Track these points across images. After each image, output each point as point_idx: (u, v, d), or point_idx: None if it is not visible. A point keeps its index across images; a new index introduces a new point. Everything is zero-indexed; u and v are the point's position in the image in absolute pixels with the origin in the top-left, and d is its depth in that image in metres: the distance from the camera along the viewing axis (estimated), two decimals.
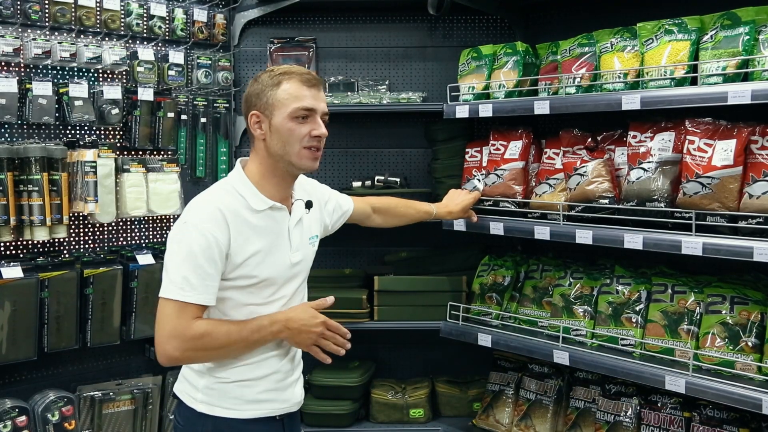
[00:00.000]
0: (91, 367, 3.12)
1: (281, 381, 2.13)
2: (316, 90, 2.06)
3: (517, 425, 3.10)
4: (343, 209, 2.52)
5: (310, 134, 2.04)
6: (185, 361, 2.02)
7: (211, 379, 2.07)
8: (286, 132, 2.03)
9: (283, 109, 2.03)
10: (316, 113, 2.05)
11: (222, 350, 1.99)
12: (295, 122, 2.03)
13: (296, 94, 2.03)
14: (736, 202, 2.34)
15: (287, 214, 2.12)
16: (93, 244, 3.13)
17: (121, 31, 3.11)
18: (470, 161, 3.29)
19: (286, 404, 2.15)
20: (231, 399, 2.06)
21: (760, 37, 2.32)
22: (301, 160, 2.05)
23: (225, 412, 2.05)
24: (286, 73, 2.06)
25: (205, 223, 1.96)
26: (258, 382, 2.08)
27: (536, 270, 3.19)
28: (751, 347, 2.38)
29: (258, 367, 2.08)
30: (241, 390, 2.06)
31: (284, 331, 2.03)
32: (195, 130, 3.41)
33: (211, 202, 2.01)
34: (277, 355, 2.11)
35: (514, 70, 3.04)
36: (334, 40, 3.62)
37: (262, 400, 2.09)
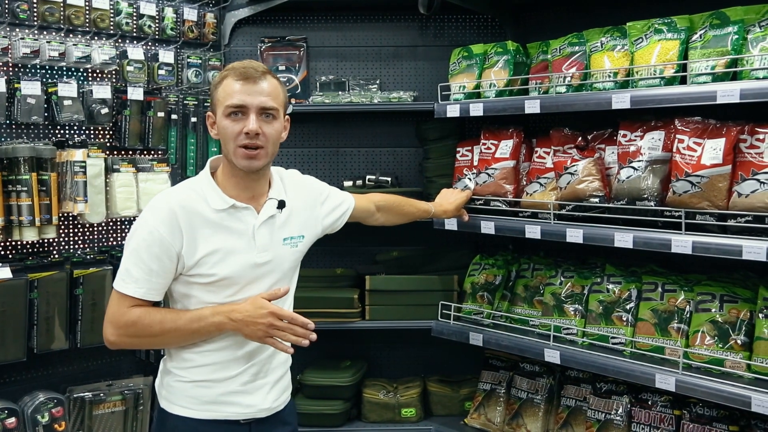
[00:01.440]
0: (81, 368, 3.10)
1: (246, 384, 2.07)
2: (251, 84, 1.97)
3: (509, 424, 3.10)
4: (344, 207, 2.45)
5: (242, 132, 1.97)
6: (123, 345, 2.03)
7: (172, 377, 2.07)
8: (222, 131, 2.00)
9: (220, 108, 2.00)
10: (249, 109, 1.97)
11: (157, 338, 2.00)
12: (229, 120, 1.98)
13: (229, 90, 1.98)
14: (725, 200, 2.35)
15: (254, 213, 2.06)
16: (83, 245, 3.11)
17: (111, 30, 3.10)
18: (461, 160, 3.30)
19: (251, 409, 2.07)
20: (187, 398, 2.04)
21: (748, 37, 2.33)
22: (237, 159, 1.99)
23: (182, 410, 2.04)
24: (227, 69, 2.03)
25: (156, 221, 1.96)
26: (217, 384, 2.04)
27: (527, 269, 3.20)
28: (740, 345, 2.39)
29: (219, 368, 2.04)
30: (198, 390, 2.04)
31: (228, 323, 1.96)
32: (185, 129, 3.39)
33: (168, 201, 1.99)
34: (241, 358, 2.06)
35: (505, 70, 3.04)
36: (325, 39, 3.61)
37: (220, 402, 2.04)
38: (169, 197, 2.02)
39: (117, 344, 2.01)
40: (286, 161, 3.62)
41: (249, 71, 1.98)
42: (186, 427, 2.04)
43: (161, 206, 1.99)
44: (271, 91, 2.00)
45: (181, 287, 2.04)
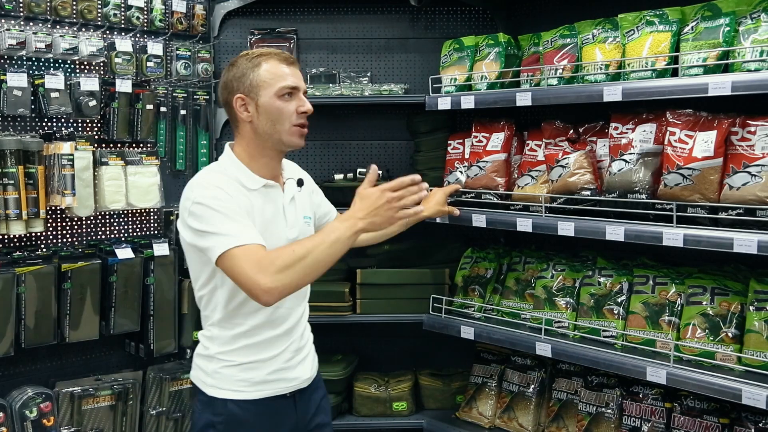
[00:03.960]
0: (70, 363, 3.08)
1: (289, 360, 2.16)
2: (295, 68, 2.12)
3: (500, 417, 3.10)
4: (324, 209, 2.49)
5: (297, 111, 2.10)
6: (281, 288, 1.90)
7: (219, 363, 2.11)
8: (275, 111, 2.08)
9: (269, 89, 2.07)
10: (299, 90, 2.11)
11: (306, 260, 1.90)
12: (282, 100, 2.08)
13: (279, 73, 2.08)
14: (716, 193, 2.34)
15: (281, 192, 2.16)
16: (71, 239, 3.09)
17: (98, 21, 3.07)
18: (452, 153, 3.28)
19: (295, 382, 2.17)
20: (237, 381, 2.10)
21: (740, 29, 2.32)
22: (291, 137, 2.10)
23: (234, 394, 2.10)
24: (263, 54, 2.11)
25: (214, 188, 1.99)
26: (264, 364, 2.11)
27: (519, 262, 3.19)
28: (731, 338, 2.39)
29: (263, 348, 2.11)
30: (247, 373, 2.10)
31: (359, 223, 1.94)
32: (175, 122, 3.37)
33: (210, 179, 2.04)
34: (282, 335, 2.14)
35: (497, 62, 3.03)
36: (315, 31, 3.59)
37: (269, 380, 2.12)
38: (209, 178, 2.05)
39: (273, 289, 1.88)
40: None
41: (289, 56, 2.13)
42: (238, 408, 2.10)
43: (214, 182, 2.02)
44: (302, 76, 2.17)
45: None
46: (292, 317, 2.18)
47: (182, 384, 3.26)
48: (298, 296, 2.18)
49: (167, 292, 3.19)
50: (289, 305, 2.16)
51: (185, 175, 3.45)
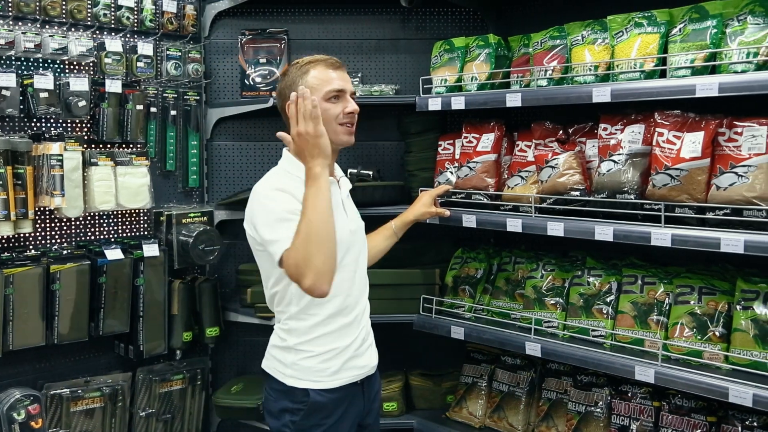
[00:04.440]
0: (59, 365, 3.07)
1: (359, 348, 2.30)
2: (341, 72, 2.28)
3: (490, 417, 3.11)
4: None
5: (344, 112, 2.25)
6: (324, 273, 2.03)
7: (299, 355, 2.24)
8: (323, 113, 2.19)
9: (316, 94, 2.21)
10: (345, 93, 2.27)
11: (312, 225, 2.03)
12: (329, 103, 2.24)
13: (325, 78, 2.25)
14: (704, 193, 2.36)
15: (338, 187, 2.33)
16: (60, 240, 3.08)
17: (88, 21, 3.06)
18: (443, 154, 3.29)
19: (365, 369, 2.33)
20: (317, 372, 2.24)
21: (727, 31, 2.34)
22: (339, 136, 2.26)
23: (312, 384, 2.23)
24: (311, 62, 2.28)
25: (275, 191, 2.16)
26: (341, 353, 2.25)
27: (509, 262, 3.20)
28: (718, 337, 2.41)
29: (338, 337, 2.25)
30: (326, 363, 2.24)
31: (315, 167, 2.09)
32: (165, 122, 3.36)
33: (272, 183, 2.21)
34: (353, 323, 2.29)
35: (487, 63, 3.04)
36: (306, 32, 3.59)
37: (345, 369, 2.27)
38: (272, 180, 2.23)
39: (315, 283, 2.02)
40: (268, 154, 3.60)
41: (335, 61, 2.29)
42: (318, 396, 2.23)
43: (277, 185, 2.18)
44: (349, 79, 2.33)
45: None
46: (359, 305, 2.34)
47: (172, 385, 3.26)
48: (364, 285, 2.39)
49: (157, 293, 3.18)
50: (357, 293, 2.32)
51: (175, 176, 3.45)
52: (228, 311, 3.47)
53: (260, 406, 3.26)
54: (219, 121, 3.54)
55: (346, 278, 2.27)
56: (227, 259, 3.59)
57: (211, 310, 3.37)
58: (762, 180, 2.24)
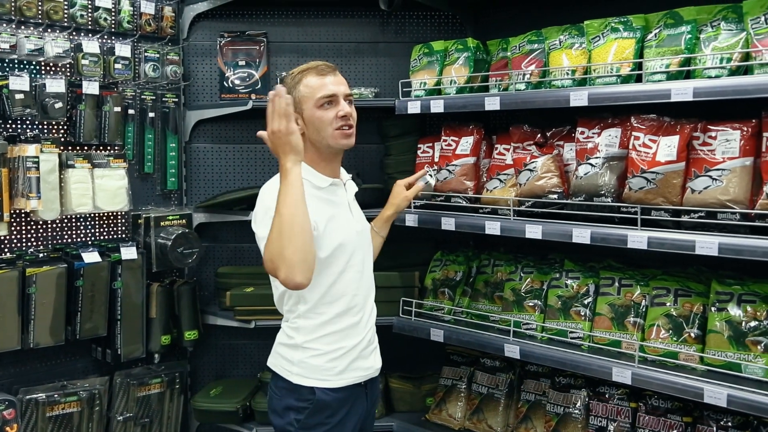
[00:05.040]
0: (35, 369, 3.03)
1: (364, 350, 2.34)
2: (332, 76, 2.29)
3: (470, 419, 3.12)
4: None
5: (337, 116, 2.26)
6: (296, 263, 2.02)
7: (306, 353, 2.27)
8: (317, 121, 2.27)
9: (309, 102, 2.27)
10: (338, 96, 2.28)
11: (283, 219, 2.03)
12: (322, 110, 2.27)
13: (315, 85, 2.27)
14: (679, 196, 2.39)
15: (344, 189, 2.39)
16: (36, 242, 3.04)
17: (65, 22, 3.03)
18: (422, 157, 3.30)
19: (369, 371, 2.37)
20: (322, 371, 2.26)
21: (701, 36, 2.38)
22: (336, 140, 2.28)
23: (318, 382, 2.26)
24: (302, 71, 2.30)
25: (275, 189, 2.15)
26: (346, 354, 2.28)
27: (488, 265, 3.22)
28: (693, 338, 2.44)
29: (345, 336, 2.28)
30: (332, 363, 2.27)
31: (286, 164, 2.06)
32: (143, 124, 3.34)
33: (275, 181, 2.22)
34: (359, 324, 2.32)
35: (465, 66, 3.05)
36: (285, 34, 3.59)
37: (350, 369, 2.29)
38: (275, 179, 2.23)
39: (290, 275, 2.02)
40: (247, 157, 3.58)
41: (325, 67, 2.31)
42: (323, 394, 2.26)
43: (274, 181, 2.22)
44: (345, 82, 2.34)
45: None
46: (366, 306, 2.37)
47: (150, 389, 3.24)
48: (370, 286, 2.41)
49: (135, 296, 3.16)
50: (364, 294, 2.35)
51: (153, 178, 3.43)
52: (207, 314, 3.45)
53: (239, 409, 3.25)
54: (198, 123, 3.52)
55: (354, 278, 2.30)
56: (206, 262, 3.57)
57: (190, 313, 3.35)
58: (735, 183, 2.28)
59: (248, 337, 3.61)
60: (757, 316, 2.33)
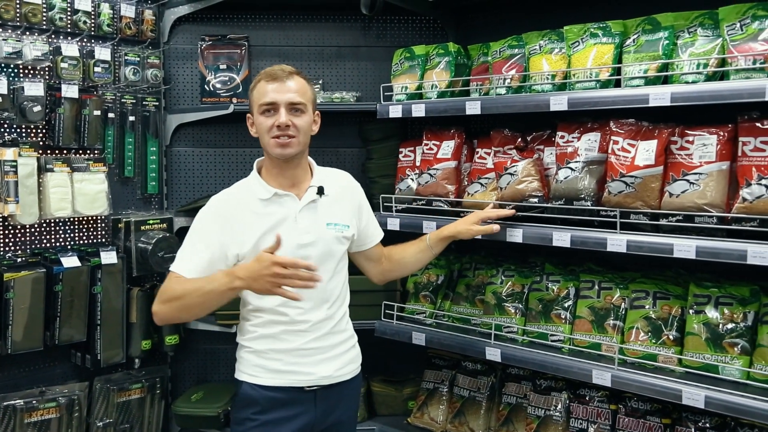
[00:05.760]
0: (13, 375, 3.00)
1: (305, 357, 2.29)
2: (280, 83, 2.26)
3: (452, 422, 3.13)
4: (370, 230, 2.57)
5: (274, 125, 2.25)
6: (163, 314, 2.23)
7: (242, 350, 2.35)
8: (258, 127, 2.30)
9: (255, 108, 2.30)
10: (278, 105, 2.25)
11: (181, 300, 2.17)
12: (265, 116, 2.27)
13: (262, 91, 2.28)
14: (657, 200, 2.42)
15: (296, 199, 2.32)
16: (14, 247, 3.01)
17: (43, 25, 3.01)
18: (404, 161, 3.31)
19: (311, 377, 2.30)
20: (254, 366, 2.30)
21: (678, 42, 2.41)
22: (272, 149, 2.27)
23: (249, 378, 2.30)
24: (260, 74, 2.31)
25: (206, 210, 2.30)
26: (279, 354, 2.28)
27: (469, 268, 3.23)
28: (672, 340, 2.47)
29: (278, 340, 2.28)
30: (263, 360, 2.29)
31: (236, 281, 2.10)
32: (123, 128, 3.32)
33: (220, 197, 2.33)
34: (300, 332, 2.28)
35: (447, 71, 3.07)
36: (267, 38, 3.58)
37: (284, 371, 2.28)
38: (221, 196, 2.34)
39: (156, 312, 2.23)
40: (228, 161, 3.57)
41: (277, 73, 2.28)
42: (254, 391, 2.29)
43: (215, 203, 2.32)
44: (297, 89, 2.28)
45: None
46: (315, 315, 2.30)
47: (130, 395, 3.21)
48: (316, 300, 2.30)
49: (115, 300, 3.13)
50: (306, 306, 2.28)
51: (134, 182, 3.41)
52: None
53: (220, 414, 3.24)
54: (178, 127, 3.51)
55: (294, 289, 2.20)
56: None
57: None
58: (712, 187, 2.30)
59: (229, 342, 3.55)
60: (733, 319, 2.36)
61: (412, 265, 2.68)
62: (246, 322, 2.36)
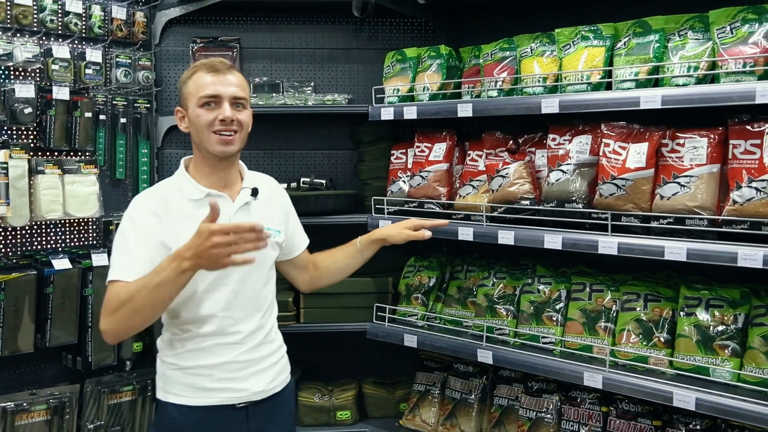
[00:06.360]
0: (3, 377, 2.98)
1: (238, 371, 2.14)
2: (221, 75, 2.12)
3: (443, 425, 3.13)
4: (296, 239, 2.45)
5: (217, 119, 2.09)
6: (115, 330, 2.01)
7: (166, 367, 2.16)
8: (196, 121, 2.12)
9: (193, 100, 2.12)
10: (222, 98, 2.11)
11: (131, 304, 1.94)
12: (203, 110, 2.11)
13: (201, 83, 2.12)
14: (648, 203, 2.43)
15: (229, 201, 2.17)
16: (5, 249, 2.99)
17: (34, 27, 2.99)
18: (396, 163, 3.31)
19: (244, 393, 2.15)
20: (181, 385, 2.12)
21: (669, 45, 2.42)
22: (212, 145, 2.11)
23: (176, 398, 2.12)
24: (196, 66, 2.16)
25: (136, 211, 2.10)
26: (209, 371, 2.11)
27: (461, 271, 3.23)
28: (663, 342, 2.47)
29: (209, 355, 2.12)
30: (191, 378, 2.12)
31: (185, 262, 1.89)
32: (114, 130, 3.31)
33: (147, 196, 2.15)
34: (232, 344, 2.14)
35: (438, 73, 3.07)
36: (259, 40, 3.58)
37: (214, 388, 2.12)
38: (148, 195, 2.16)
39: (108, 330, 2.01)
40: None
41: (217, 65, 2.13)
42: (181, 414, 2.11)
43: (143, 201, 2.14)
44: (239, 83, 2.15)
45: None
46: (247, 326, 2.17)
47: (121, 397, 3.20)
48: (249, 309, 2.18)
49: None
50: (240, 315, 2.16)
51: (125, 184, 3.39)
52: None
53: None
54: (170, 129, 3.49)
55: (224, 298, 2.12)
56: None
57: None
58: (703, 190, 2.32)
59: None
60: (724, 321, 2.37)
61: (341, 271, 2.58)
62: (172, 336, 2.16)
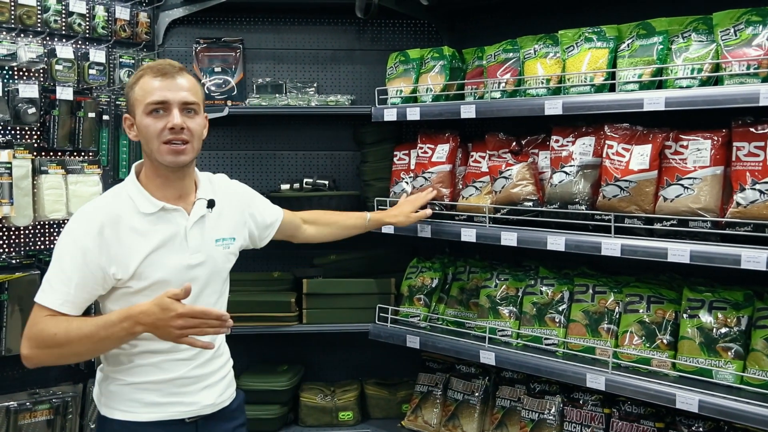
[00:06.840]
0: (7, 377, 2.98)
1: (188, 386, 2.07)
2: (170, 80, 1.97)
3: (445, 426, 3.13)
4: (272, 218, 2.43)
5: (166, 127, 1.95)
6: (36, 359, 1.92)
7: (111, 382, 2.05)
8: (144, 130, 1.98)
9: (140, 108, 1.98)
10: (170, 104, 1.96)
11: (64, 348, 1.89)
12: (151, 118, 1.96)
13: (148, 88, 1.96)
14: (651, 204, 2.43)
15: (185, 215, 2.05)
16: (8, 249, 3.00)
17: (38, 27, 3.00)
18: (398, 164, 3.32)
19: (194, 407, 2.07)
20: (128, 401, 2.02)
21: (672, 47, 2.42)
22: (163, 156, 1.97)
23: (123, 414, 2.02)
24: (143, 69, 2.01)
25: (81, 232, 1.94)
26: (157, 386, 2.03)
27: (463, 272, 3.23)
28: (666, 344, 2.47)
29: (158, 370, 2.03)
30: (139, 393, 2.02)
31: (138, 327, 1.85)
32: (118, 130, 3.31)
33: (96, 213, 1.98)
34: (180, 360, 2.05)
35: (441, 75, 3.07)
36: (262, 41, 3.58)
37: (162, 403, 2.03)
38: (96, 208, 1.99)
39: (29, 358, 1.92)
40: (222, 164, 3.56)
41: (166, 68, 1.98)
42: (126, 430, 2.01)
43: (88, 218, 1.97)
44: (190, 87, 2.00)
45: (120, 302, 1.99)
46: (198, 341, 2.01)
47: None
48: None
49: None
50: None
51: None
52: None
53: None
54: None
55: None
56: None
57: None
58: (707, 192, 2.32)
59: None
60: (727, 323, 2.37)
61: (344, 230, 2.77)
62: (119, 351, 2.02)
